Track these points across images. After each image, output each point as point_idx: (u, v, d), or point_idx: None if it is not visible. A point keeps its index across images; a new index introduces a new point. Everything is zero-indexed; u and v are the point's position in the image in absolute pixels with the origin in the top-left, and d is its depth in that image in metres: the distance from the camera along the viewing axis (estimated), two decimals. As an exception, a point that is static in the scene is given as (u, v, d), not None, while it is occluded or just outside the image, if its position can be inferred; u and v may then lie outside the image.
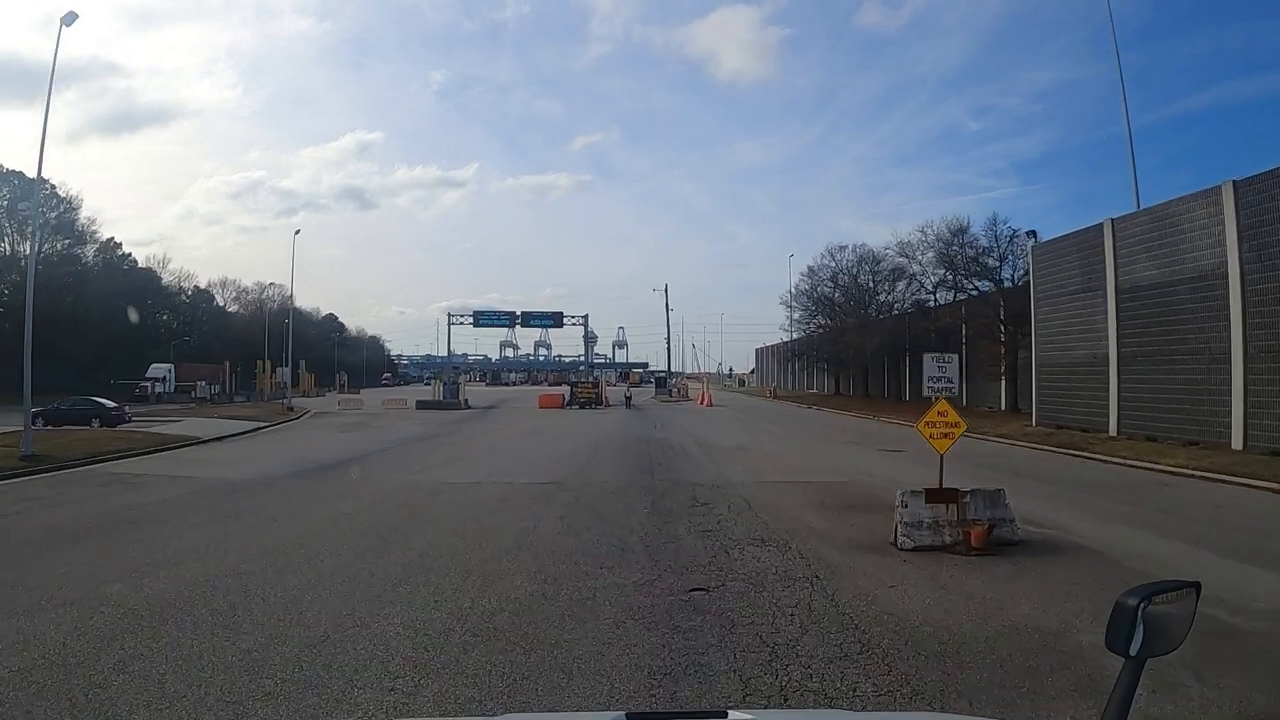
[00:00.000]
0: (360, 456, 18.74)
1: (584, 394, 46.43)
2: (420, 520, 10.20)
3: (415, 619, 5.79)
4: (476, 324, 50.53)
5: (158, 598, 6.40)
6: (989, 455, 19.75)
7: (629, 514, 10.55)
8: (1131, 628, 1.35)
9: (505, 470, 15.61)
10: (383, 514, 10.74)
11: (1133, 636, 1.35)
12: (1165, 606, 1.39)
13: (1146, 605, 1.35)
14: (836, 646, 5.24)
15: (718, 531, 9.33)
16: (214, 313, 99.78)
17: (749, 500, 11.60)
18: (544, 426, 29.63)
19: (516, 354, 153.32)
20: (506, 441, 22.82)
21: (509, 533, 9.33)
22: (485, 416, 38.23)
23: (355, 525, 9.92)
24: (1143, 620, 1.35)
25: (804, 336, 60.77)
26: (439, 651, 5.09)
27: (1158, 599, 1.38)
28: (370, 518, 10.42)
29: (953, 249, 38.11)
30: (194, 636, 5.39)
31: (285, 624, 5.68)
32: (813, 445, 21.84)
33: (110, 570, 7.41)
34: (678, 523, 9.91)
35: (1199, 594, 1.45)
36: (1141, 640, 1.35)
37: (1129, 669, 1.36)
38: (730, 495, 12.10)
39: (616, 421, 32.65)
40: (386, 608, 6.08)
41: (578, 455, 18.40)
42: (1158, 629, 1.36)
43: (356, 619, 5.78)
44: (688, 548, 8.43)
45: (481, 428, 29.94)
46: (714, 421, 32.69)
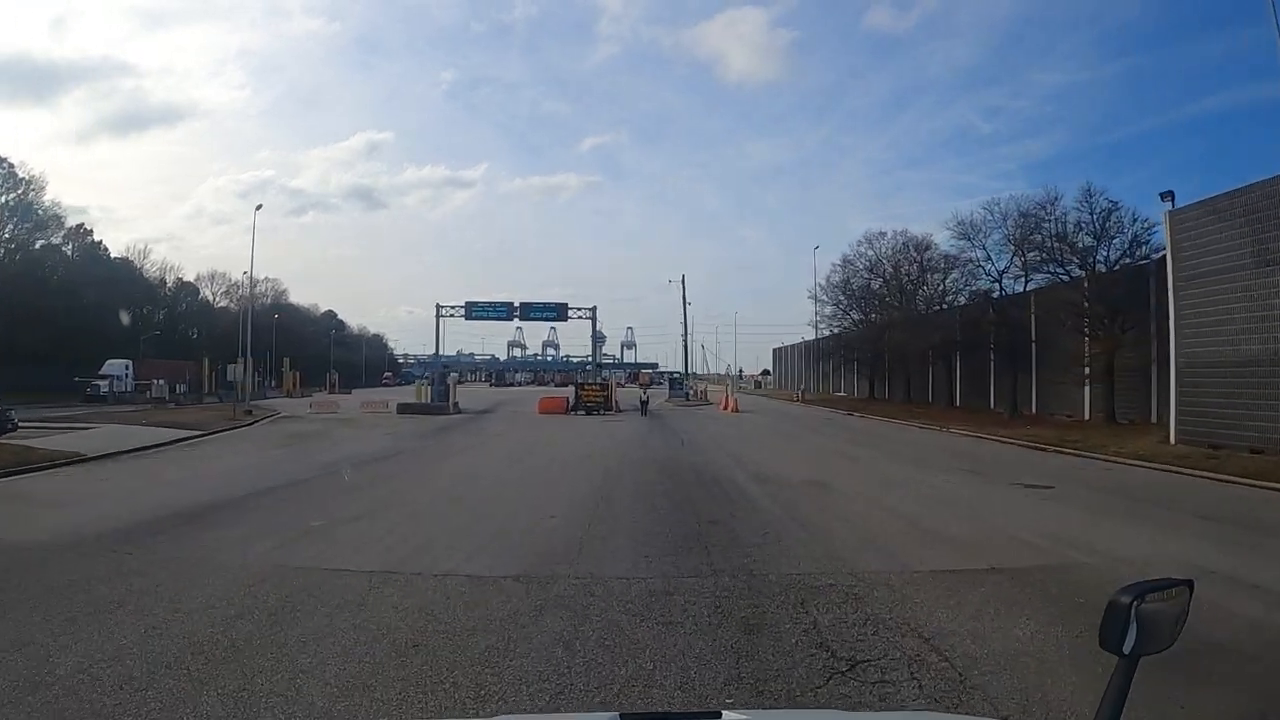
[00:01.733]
0: (249, 496, 12.30)
1: (591, 397, 39.76)
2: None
3: None
4: (469, 316, 44.19)
5: None
6: (1161, 491, 13.47)
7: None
8: (1125, 626, 1.33)
9: (456, 539, 9.08)
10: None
11: (1126, 635, 1.33)
12: (1158, 605, 1.37)
13: (1139, 603, 1.34)
14: None
15: None
16: (200, 307, 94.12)
17: (945, 654, 5.08)
18: (539, 441, 23.14)
19: (524, 354, 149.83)
20: (479, 470, 16.27)
21: None
22: (472, 425, 31.78)
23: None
24: (1136, 618, 1.33)
25: (834, 334, 54.10)
26: None
27: (1151, 597, 1.36)
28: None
29: (1040, 225, 31.29)
30: None
31: None
32: (916, 478, 15.22)
33: None
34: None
35: (1192, 592, 1.43)
36: (1135, 639, 1.33)
37: (1122, 668, 1.35)
38: (889, 629, 5.58)
39: (631, 433, 26.18)
40: None
41: (578, 500, 11.81)
42: (1151, 627, 1.35)
43: None
44: None
45: (459, 443, 23.48)
46: (752, 434, 26.16)
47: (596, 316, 44.81)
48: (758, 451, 19.49)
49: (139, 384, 52.32)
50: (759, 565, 7.62)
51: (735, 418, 36.70)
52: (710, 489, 12.82)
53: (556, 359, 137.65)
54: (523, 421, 34.01)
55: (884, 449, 21.10)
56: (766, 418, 36.61)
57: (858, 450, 20.58)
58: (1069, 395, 32.71)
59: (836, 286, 50.27)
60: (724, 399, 44.85)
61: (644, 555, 8.01)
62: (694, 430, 27.42)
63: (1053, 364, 33.88)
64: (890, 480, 14.56)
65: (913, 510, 11.09)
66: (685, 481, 13.77)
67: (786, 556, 7.97)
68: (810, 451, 20.33)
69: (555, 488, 13.07)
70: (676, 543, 8.61)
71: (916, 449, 21.31)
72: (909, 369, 45.64)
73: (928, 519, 10.41)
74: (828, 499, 11.92)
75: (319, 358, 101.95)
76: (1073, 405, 32.42)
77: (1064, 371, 32.29)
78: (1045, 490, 13.58)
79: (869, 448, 21.38)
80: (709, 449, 20.06)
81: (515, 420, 34.91)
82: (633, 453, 18.87)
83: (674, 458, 17.64)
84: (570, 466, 16.19)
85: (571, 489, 12.79)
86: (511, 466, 16.63)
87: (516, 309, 43.85)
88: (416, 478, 14.88)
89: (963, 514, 10.86)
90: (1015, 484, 14.20)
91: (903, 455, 19.44)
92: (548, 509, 10.95)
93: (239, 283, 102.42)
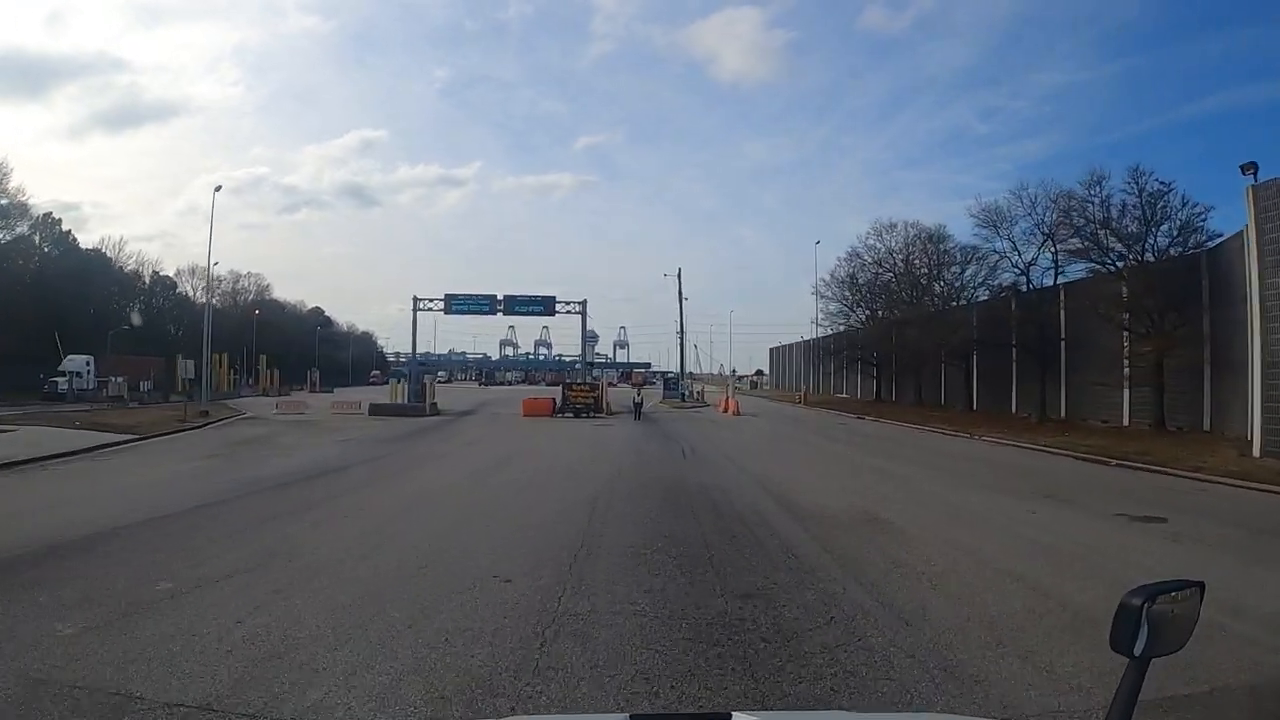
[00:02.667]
0: (105, 533, 8.91)
1: (579, 398, 36.18)
2: None
3: None
4: (449, 310, 40.72)
5: None
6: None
7: None
8: (1136, 628, 1.32)
9: (348, 630, 5.67)
10: None
11: (1137, 637, 1.32)
12: (1169, 606, 1.35)
13: (1151, 605, 1.32)
14: None
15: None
16: (178, 301, 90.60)
17: None
18: (516, 453, 19.72)
19: (516, 353, 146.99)
20: (431, 496, 12.80)
21: None
22: (445, 430, 28.40)
23: None
24: (1147, 620, 1.32)
25: (839, 332, 50.88)
26: None
27: (1162, 599, 1.34)
28: None
29: (1080, 209, 28.04)
30: None
31: None
32: (989, 507, 11.84)
33: None
34: None
35: (1203, 594, 1.41)
36: (1146, 640, 1.32)
37: (1133, 669, 1.33)
38: None
39: (624, 442, 22.87)
40: None
41: (550, 550, 8.34)
42: (1162, 629, 1.33)
43: None
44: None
45: (422, 453, 20.10)
46: (763, 443, 22.90)
47: (586, 311, 41.48)
48: (777, 466, 16.22)
49: (100, 381, 48.71)
50: (841, 697, 4.34)
51: (738, 421, 33.43)
52: (732, 529, 9.46)
53: (549, 358, 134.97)
54: (503, 426, 30.66)
55: (923, 462, 17.79)
56: (772, 422, 33.36)
57: (894, 464, 17.24)
58: (1104, 399, 29.56)
59: (842, 281, 47.13)
60: (723, 400, 41.58)
61: (641, 674, 4.71)
62: (696, 437, 24.12)
63: (1086, 364, 30.75)
64: (959, 511, 11.24)
65: (1020, 565, 7.78)
66: (697, 515, 10.42)
67: (882, 675, 4.67)
68: (838, 466, 17.02)
69: (522, 528, 9.69)
70: (693, 643, 5.29)
71: (961, 462, 18.04)
72: (920, 369, 42.48)
73: (1050, 580, 7.14)
74: (894, 545, 8.59)
75: (304, 355, 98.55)
76: (1108, 410, 29.28)
77: (1100, 373, 29.19)
78: (1159, 525, 10.35)
79: (905, 461, 18.08)
80: (718, 463, 16.76)
81: (495, 424, 31.57)
82: (626, 469, 15.51)
83: (678, 477, 14.27)
84: (547, 491, 12.82)
85: (543, 531, 9.41)
86: (474, 490, 13.19)
87: (500, 302, 40.41)
88: (348, 507, 11.47)
89: (1091, 570, 7.58)
90: (1118, 515, 10.94)
91: (951, 471, 16.15)
92: (505, 563, 7.62)
93: (222, 278, 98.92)
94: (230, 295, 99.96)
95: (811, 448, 21.14)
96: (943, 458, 19.20)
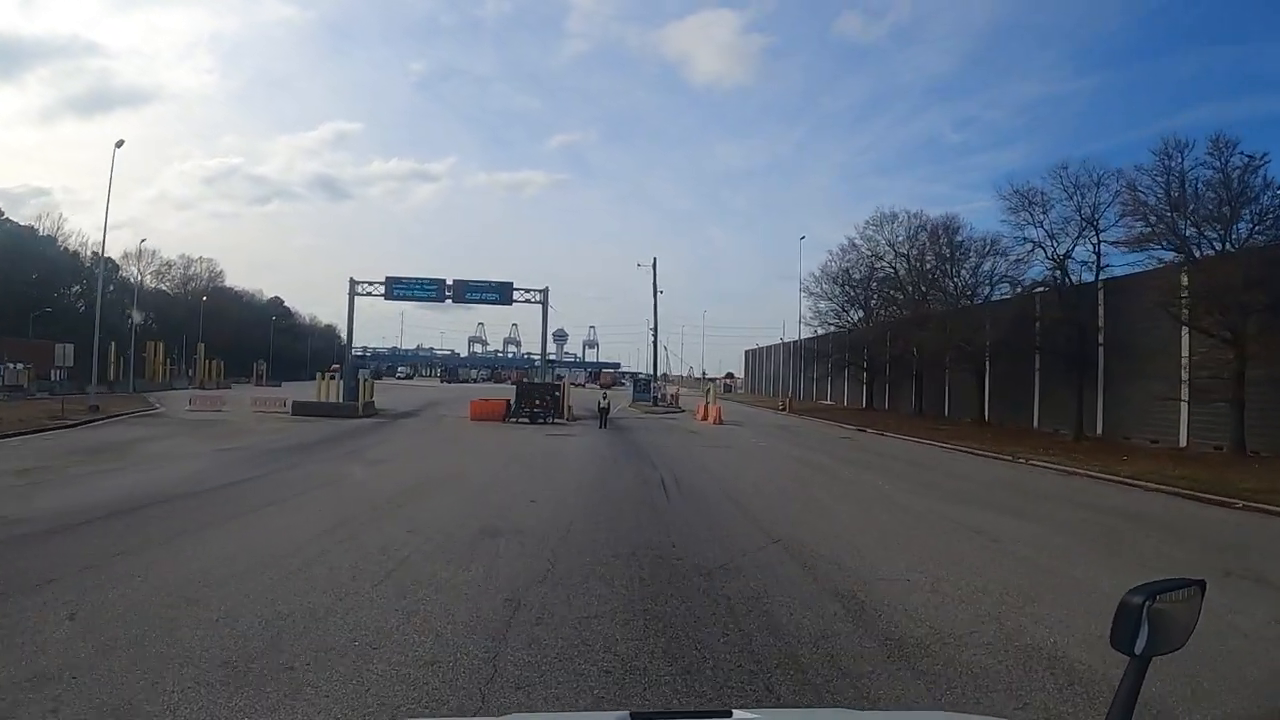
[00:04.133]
0: None
1: (535, 401, 30.18)
2: None
3: None
4: (390, 295, 34.73)
5: None
6: None
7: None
8: (1136, 626, 1.29)
9: None
10: None
11: (1138, 635, 1.29)
12: (1170, 605, 1.32)
13: (1151, 604, 1.29)
14: None
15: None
16: (121, 285, 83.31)
17: None
18: (426, 486, 13.63)
19: (485, 350, 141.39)
20: (238, 573, 7.11)
21: None
22: (365, 439, 22.47)
23: None
24: (1148, 619, 1.29)
25: (830, 333, 45.64)
26: None
27: (1162, 597, 1.31)
28: None
29: (1145, 187, 22.86)
30: None
31: None
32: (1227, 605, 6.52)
33: None
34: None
35: (1204, 592, 1.38)
36: (1146, 639, 1.29)
37: (1133, 667, 1.31)
38: None
39: (582, 463, 17.23)
40: None
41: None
42: (1162, 627, 1.30)
43: None
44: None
45: (311, 473, 14.29)
46: (771, 471, 17.24)
47: (548, 300, 35.49)
48: (811, 517, 10.61)
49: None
50: None
51: (723, 433, 27.95)
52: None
53: (517, 355, 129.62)
54: (440, 434, 24.87)
55: (1008, 507, 12.22)
56: (764, 435, 27.89)
57: (974, 513, 11.50)
58: (1153, 415, 24.65)
59: (834, 277, 41.88)
60: (702, 406, 36.06)
61: None
62: (677, 457, 18.56)
63: (1131, 374, 25.86)
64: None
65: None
66: (718, 669, 4.85)
67: None
68: (898, 517, 11.16)
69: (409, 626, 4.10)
70: None
71: (1059, 507, 12.58)
72: (922, 376, 37.43)
73: None
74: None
75: (260, 347, 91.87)
76: (1160, 428, 24.36)
77: (1148, 383, 24.35)
78: None
79: (980, 504, 12.49)
80: (720, 510, 11.14)
81: (431, 431, 25.74)
82: (579, 523, 9.81)
83: (662, 545, 8.53)
84: (429, 583, 7.01)
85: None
86: (302, 573, 7.27)
87: (450, 288, 34.50)
88: (58, 599, 5.75)
89: None
90: None
91: (1067, 526, 10.66)
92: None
93: (172, 262, 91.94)
94: (181, 282, 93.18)
95: (838, 480, 15.49)
96: (1021, 496, 13.85)
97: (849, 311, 42.17)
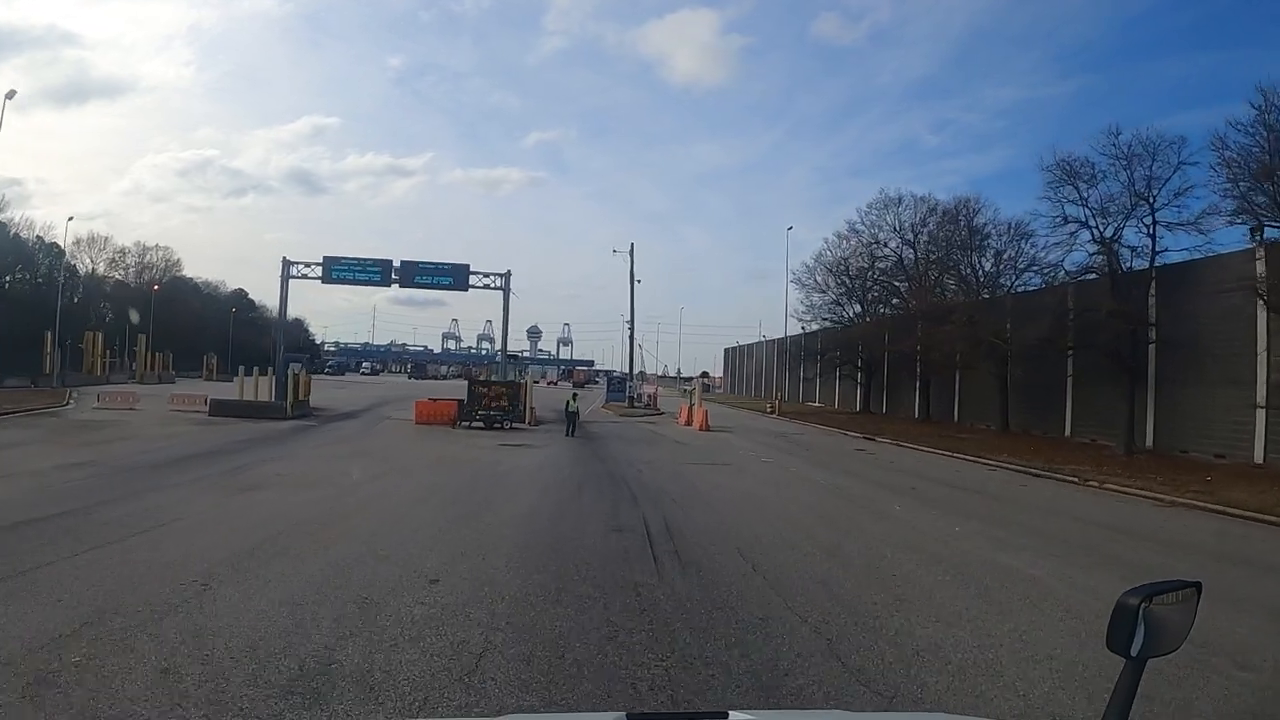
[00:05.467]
0: None
1: (491, 402, 25.15)
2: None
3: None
4: (328, 278, 29.84)
5: None
6: None
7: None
8: (1132, 628, 1.23)
9: None
10: None
11: (1134, 637, 1.24)
12: (1166, 607, 1.27)
13: (1147, 605, 1.24)
14: None
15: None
16: (68, 272, 77.37)
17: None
18: (293, 534, 9.00)
19: (459, 346, 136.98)
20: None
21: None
22: (268, 450, 17.50)
23: None
24: (1144, 620, 1.24)
25: (824, 330, 41.32)
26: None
27: (1159, 599, 1.26)
28: None
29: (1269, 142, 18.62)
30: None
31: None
32: None
33: None
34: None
35: (1200, 594, 1.31)
36: (1142, 641, 1.24)
37: (1129, 669, 1.26)
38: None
39: (535, 490, 12.52)
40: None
41: None
42: (1159, 629, 1.25)
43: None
44: None
45: (153, 506, 9.40)
46: (794, 501, 12.66)
47: (509, 286, 30.53)
48: (926, 628, 5.95)
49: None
50: None
51: (714, 443, 23.41)
52: None
53: (491, 352, 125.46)
54: (369, 443, 20.09)
55: (1219, 592, 8.01)
56: (763, 446, 23.36)
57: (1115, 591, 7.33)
58: (1219, 424, 20.72)
59: (829, 268, 37.52)
60: (685, 410, 31.52)
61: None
62: (664, 481, 13.96)
63: (1187, 377, 21.84)
64: None
65: None
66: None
67: None
68: (1051, 615, 6.69)
69: None
70: None
71: (1260, 577, 8.24)
72: (929, 377, 33.24)
73: None
74: None
75: (220, 340, 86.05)
76: (1229, 440, 20.36)
77: (1216, 387, 20.45)
78: None
79: (1119, 570, 8.22)
80: (743, 592, 6.48)
81: (359, 439, 20.91)
82: (510, 618, 5.23)
83: (659, 690, 4.15)
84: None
85: None
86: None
87: (396, 271, 29.62)
88: None
89: None
90: None
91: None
92: None
93: (127, 250, 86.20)
94: (137, 271, 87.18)
95: (895, 522, 10.78)
96: (1176, 553, 9.48)
97: (845, 305, 37.87)
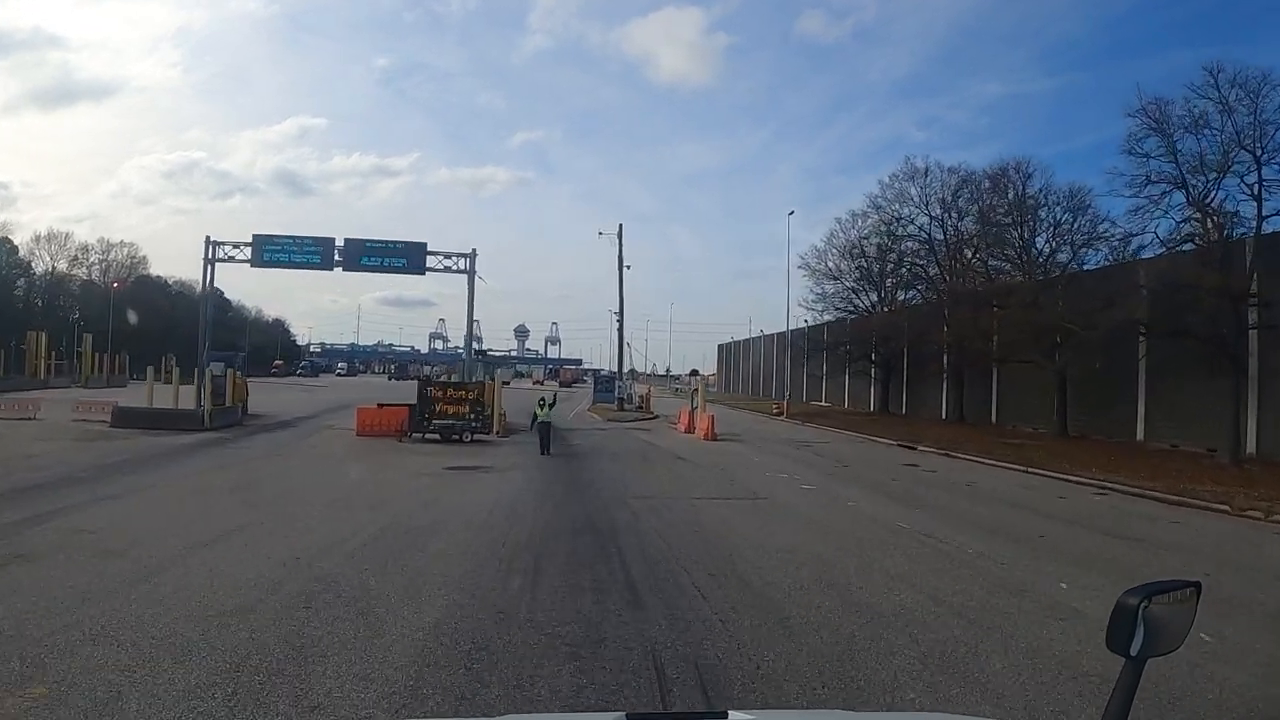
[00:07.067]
0: None
1: (449, 407, 19.89)
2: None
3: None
4: (260, 260, 24.81)
5: None
6: None
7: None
8: (1132, 628, 1.21)
9: None
10: None
11: (1133, 637, 1.21)
12: (1166, 606, 1.24)
13: (1147, 605, 1.22)
14: None
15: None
16: (23, 269, 72.42)
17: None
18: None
19: (446, 346, 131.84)
20: None
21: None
22: (141, 476, 12.77)
23: None
24: (1143, 620, 1.22)
25: (836, 321, 36.64)
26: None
27: (1158, 599, 1.24)
28: None
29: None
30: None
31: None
32: None
33: None
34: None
35: (1199, 594, 1.29)
36: (1142, 640, 1.22)
37: (1129, 669, 1.23)
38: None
39: (470, 567, 7.85)
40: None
41: None
42: (1158, 629, 1.23)
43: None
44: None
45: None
46: (892, 579, 8.05)
47: (475, 268, 25.46)
48: None
49: None
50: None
51: (729, 459, 18.61)
52: None
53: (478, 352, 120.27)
54: (279, 465, 15.26)
55: None
56: (788, 460, 18.59)
57: None
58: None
59: (843, 251, 32.79)
60: (685, 414, 26.79)
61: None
62: (675, 533, 9.26)
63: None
64: None
65: None
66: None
67: None
68: None
69: None
70: None
71: None
72: (963, 372, 28.66)
73: None
74: None
75: (190, 341, 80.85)
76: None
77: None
78: None
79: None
80: None
81: (269, 460, 16.03)
82: None
83: None
84: None
85: None
86: None
87: (340, 251, 24.71)
88: None
89: None
90: None
91: None
92: None
93: (91, 246, 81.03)
94: (101, 269, 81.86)
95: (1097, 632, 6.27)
96: None
97: (861, 293, 33.17)
